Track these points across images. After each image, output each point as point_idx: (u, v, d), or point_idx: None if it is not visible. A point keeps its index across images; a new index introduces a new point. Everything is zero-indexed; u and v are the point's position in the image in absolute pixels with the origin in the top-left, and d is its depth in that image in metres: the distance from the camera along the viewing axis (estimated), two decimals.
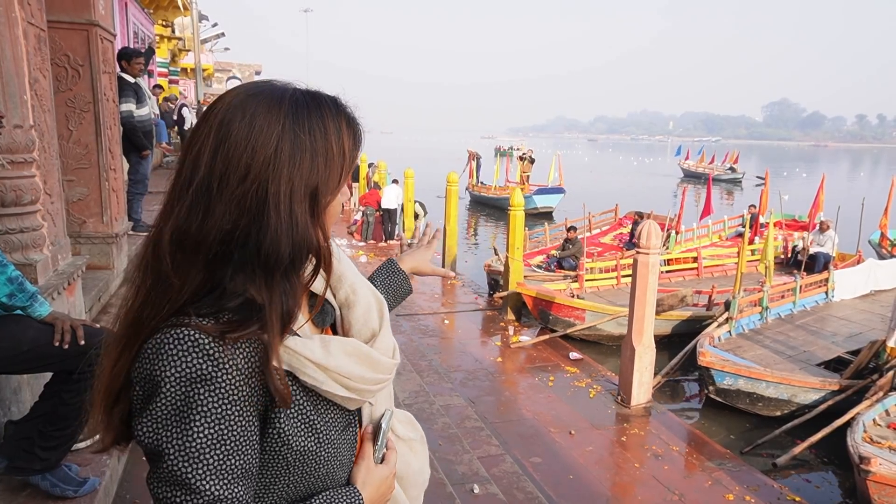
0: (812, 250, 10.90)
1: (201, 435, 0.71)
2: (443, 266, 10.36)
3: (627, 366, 5.70)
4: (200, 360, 0.71)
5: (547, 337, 7.54)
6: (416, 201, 12.99)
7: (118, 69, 5.40)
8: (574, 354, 6.96)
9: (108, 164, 4.24)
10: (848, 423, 5.10)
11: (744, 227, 12.00)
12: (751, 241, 11.30)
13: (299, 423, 0.80)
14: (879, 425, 5.14)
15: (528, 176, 21.94)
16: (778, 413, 6.09)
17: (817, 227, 11.20)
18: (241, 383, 0.73)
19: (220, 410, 0.72)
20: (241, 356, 0.74)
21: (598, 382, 6.20)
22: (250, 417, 0.75)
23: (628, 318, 5.80)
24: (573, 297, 8.44)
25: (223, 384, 0.72)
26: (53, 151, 3.12)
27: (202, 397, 0.71)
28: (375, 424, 0.94)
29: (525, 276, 8.73)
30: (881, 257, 11.67)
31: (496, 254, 10.13)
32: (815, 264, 10.48)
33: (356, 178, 17.14)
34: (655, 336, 5.85)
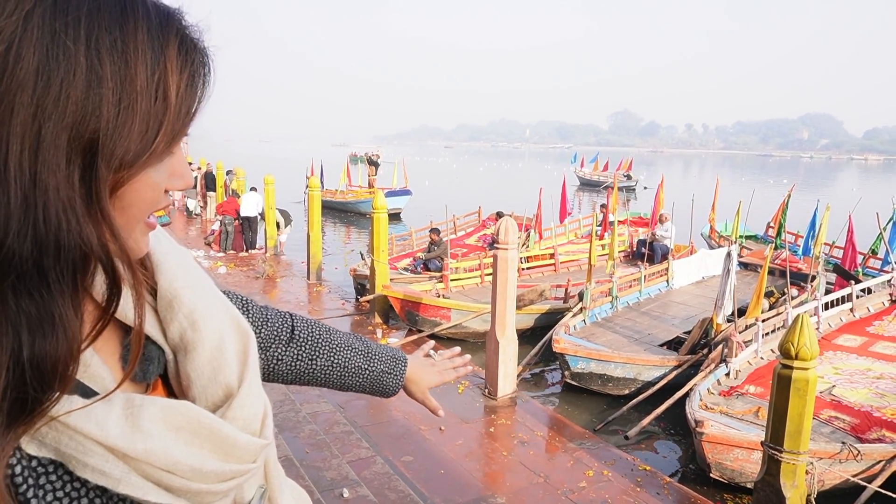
0: (657, 233, 11.94)
1: None
2: (308, 273, 10.18)
3: (492, 359, 5.88)
4: None
5: (415, 337, 7.59)
6: (277, 209, 12.57)
7: None
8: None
9: None
10: (687, 394, 5.62)
11: (598, 225, 12.92)
12: (601, 237, 12.18)
13: None
14: (713, 393, 5.72)
15: (374, 179, 23.44)
16: (626, 391, 6.59)
17: (658, 222, 12.32)
18: None
19: None
20: None
21: (466, 378, 6.33)
22: None
23: (491, 313, 5.99)
24: (439, 297, 8.57)
25: None
26: None
27: None
28: None
29: (392, 279, 8.74)
30: (711, 247, 13.04)
31: (363, 258, 10.05)
32: (655, 256, 11.50)
33: (212, 187, 16.25)
34: (519, 330, 6.09)
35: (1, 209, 0.42)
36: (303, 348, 0.98)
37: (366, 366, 1.06)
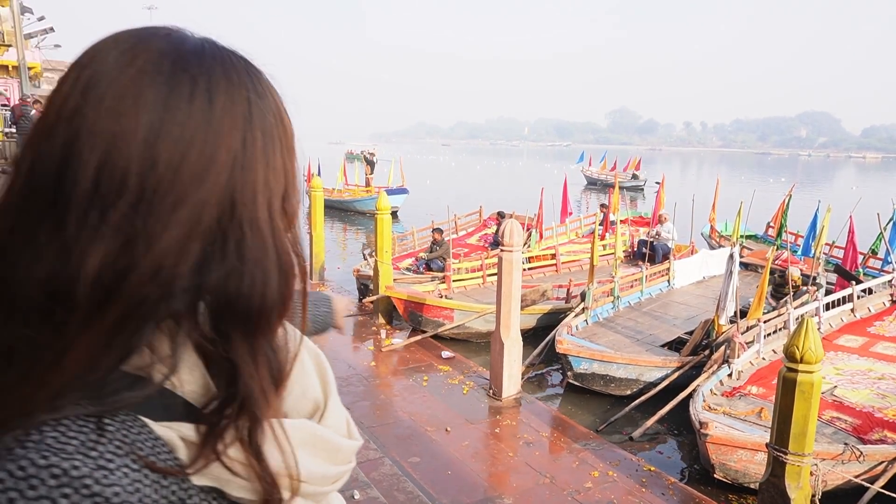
0: (660, 231, 12.00)
1: None
2: (311, 274, 10.20)
3: (497, 360, 5.92)
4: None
5: (418, 338, 7.63)
6: None
7: None
8: (446, 353, 7.10)
9: None
10: (690, 395, 5.67)
11: (600, 225, 12.96)
12: (602, 237, 12.21)
13: None
14: (715, 394, 5.77)
15: (371, 178, 23.42)
16: (628, 392, 6.63)
17: (658, 222, 12.37)
18: None
19: None
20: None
21: (471, 378, 6.38)
22: None
23: (496, 314, 6.02)
24: (441, 297, 8.61)
25: None
26: None
27: None
28: None
29: (394, 280, 8.77)
30: (711, 247, 13.09)
31: (365, 258, 10.09)
32: (656, 255, 11.55)
33: None
34: (521, 330, 6.13)
35: (263, 257, 0.52)
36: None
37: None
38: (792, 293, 7.64)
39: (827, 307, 7.48)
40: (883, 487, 4.37)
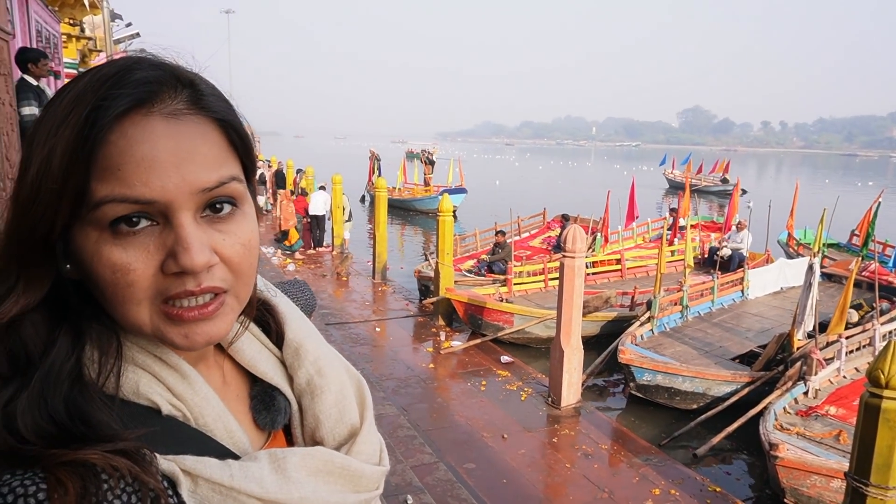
0: (729, 246, 11.50)
1: None
2: (374, 272, 10.36)
3: (557, 367, 5.81)
4: None
5: (478, 341, 7.58)
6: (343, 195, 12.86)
7: (20, 71, 5.06)
8: (505, 358, 7.03)
9: (4, 173, 3.94)
10: (761, 413, 5.38)
11: (668, 230, 12.54)
12: (670, 243, 11.79)
13: None
14: (789, 413, 5.45)
15: (430, 178, 23.61)
16: (694, 406, 6.36)
17: (734, 228, 11.83)
18: None
19: None
20: None
21: (529, 385, 6.28)
22: None
23: (556, 321, 5.91)
24: (502, 301, 8.53)
25: None
26: None
27: None
28: None
29: (455, 281, 8.76)
30: (789, 256, 12.41)
31: (427, 259, 10.14)
32: (731, 263, 11.05)
33: (282, 185, 16.77)
34: (583, 337, 5.99)
35: None
36: None
37: None
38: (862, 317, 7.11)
39: None
40: None
